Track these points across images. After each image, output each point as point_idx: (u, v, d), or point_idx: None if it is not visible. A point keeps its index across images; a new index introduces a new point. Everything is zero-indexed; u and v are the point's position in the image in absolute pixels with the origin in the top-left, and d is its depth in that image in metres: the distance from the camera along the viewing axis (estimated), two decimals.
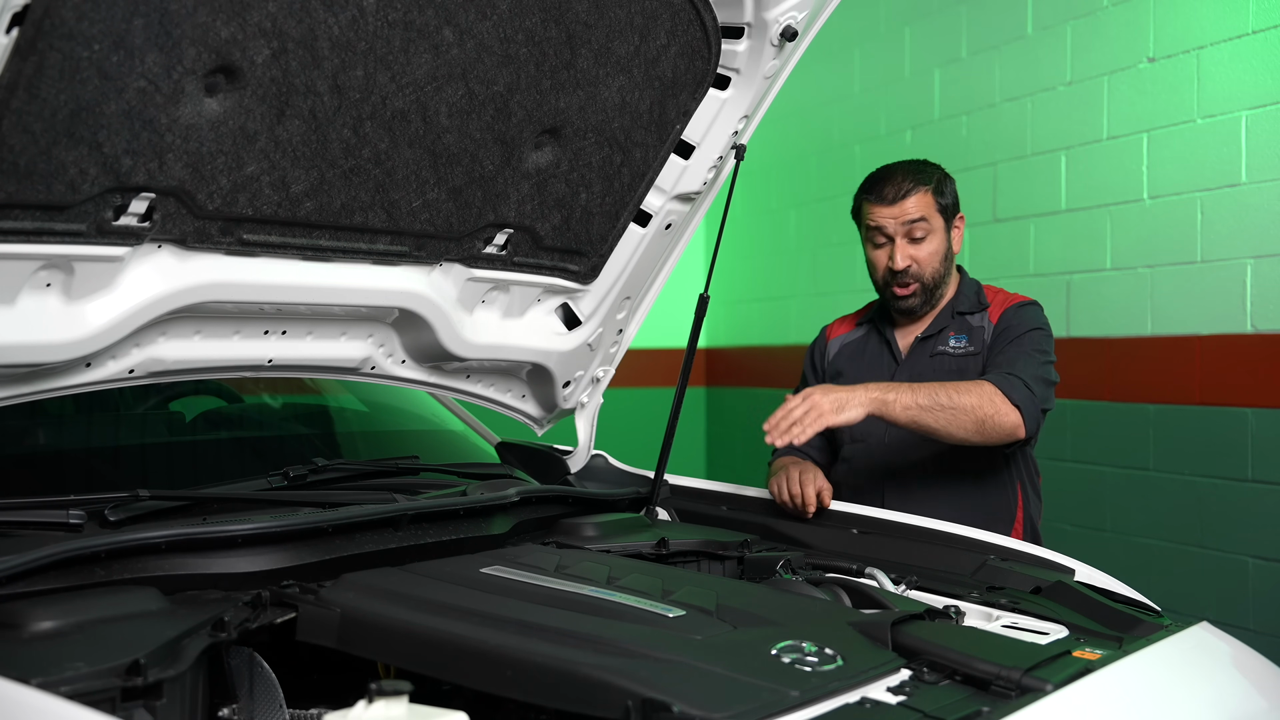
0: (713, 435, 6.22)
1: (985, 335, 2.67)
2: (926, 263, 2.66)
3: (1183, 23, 3.68)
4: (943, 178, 2.71)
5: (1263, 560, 3.46)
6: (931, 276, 2.68)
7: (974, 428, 2.42)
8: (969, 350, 2.67)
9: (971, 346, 2.67)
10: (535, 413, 2.56)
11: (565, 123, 2.00)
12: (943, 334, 2.71)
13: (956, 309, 2.73)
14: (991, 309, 2.71)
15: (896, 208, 2.64)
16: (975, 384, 2.45)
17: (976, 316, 2.71)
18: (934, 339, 2.72)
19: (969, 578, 2.08)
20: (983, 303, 2.72)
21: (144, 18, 1.43)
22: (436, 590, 1.63)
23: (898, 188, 2.65)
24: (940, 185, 2.69)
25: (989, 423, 2.42)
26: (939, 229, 2.67)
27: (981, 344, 2.66)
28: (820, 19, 2.15)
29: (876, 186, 2.69)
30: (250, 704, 1.50)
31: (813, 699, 1.34)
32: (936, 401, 2.39)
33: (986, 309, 2.71)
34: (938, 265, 2.68)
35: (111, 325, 1.68)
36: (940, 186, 2.69)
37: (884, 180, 2.68)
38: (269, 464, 2.13)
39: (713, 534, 2.24)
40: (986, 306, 2.71)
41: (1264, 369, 3.43)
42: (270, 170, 1.69)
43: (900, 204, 2.64)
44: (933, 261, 2.67)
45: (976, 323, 2.70)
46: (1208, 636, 1.85)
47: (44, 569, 1.52)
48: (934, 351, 2.71)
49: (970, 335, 2.68)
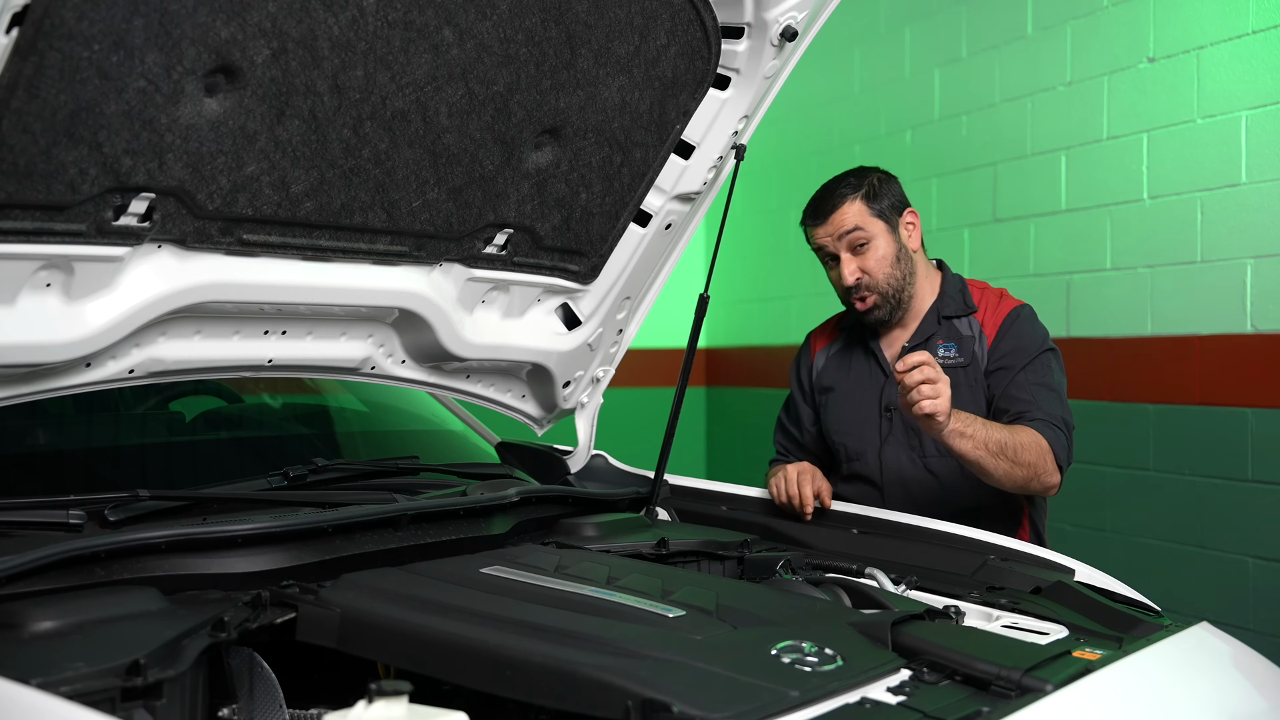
0: (713, 435, 6.22)
1: (975, 346, 2.58)
2: (876, 270, 2.58)
3: (1183, 23, 3.68)
4: (877, 181, 2.64)
5: (1263, 560, 3.46)
6: (887, 283, 2.59)
7: (1020, 482, 2.36)
8: (957, 361, 2.57)
9: (960, 357, 2.58)
10: (535, 413, 2.56)
11: (565, 123, 2.00)
12: (930, 342, 2.62)
13: (942, 313, 2.65)
14: (981, 314, 2.62)
15: (829, 224, 2.60)
16: (1032, 438, 2.35)
17: (964, 322, 2.62)
18: (921, 348, 2.60)
19: (969, 578, 2.08)
20: (969, 305, 2.64)
21: (144, 18, 1.43)
22: (436, 590, 1.63)
23: (826, 203, 2.61)
24: (872, 190, 2.61)
25: (1033, 482, 2.37)
26: (880, 233, 2.59)
27: (971, 355, 2.58)
28: (820, 19, 2.15)
29: (809, 208, 2.66)
30: (250, 704, 1.50)
31: (813, 699, 1.34)
32: (1003, 449, 2.30)
33: (973, 313, 2.63)
34: (889, 270, 2.59)
35: (111, 325, 1.68)
36: (872, 191, 2.61)
37: (815, 200, 2.65)
38: (269, 464, 2.13)
39: (713, 534, 2.24)
40: (973, 310, 2.63)
41: (1264, 369, 3.43)
42: (270, 170, 1.69)
43: (831, 219, 2.59)
44: (882, 267, 2.58)
45: (965, 330, 2.61)
46: (1208, 636, 1.85)
47: (44, 569, 1.52)
48: None
49: (960, 344, 2.59)
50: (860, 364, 2.72)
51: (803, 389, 2.83)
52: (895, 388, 2.56)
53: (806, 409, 2.81)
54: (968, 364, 2.57)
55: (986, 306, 2.64)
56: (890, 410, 2.62)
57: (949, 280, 2.71)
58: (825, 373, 2.78)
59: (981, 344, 2.58)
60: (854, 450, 2.67)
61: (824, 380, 2.78)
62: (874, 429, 2.64)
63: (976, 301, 2.65)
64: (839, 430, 2.71)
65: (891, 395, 2.61)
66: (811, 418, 2.80)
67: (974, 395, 2.54)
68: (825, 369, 2.79)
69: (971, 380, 2.56)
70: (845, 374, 2.74)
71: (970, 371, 2.57)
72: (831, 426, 2.73)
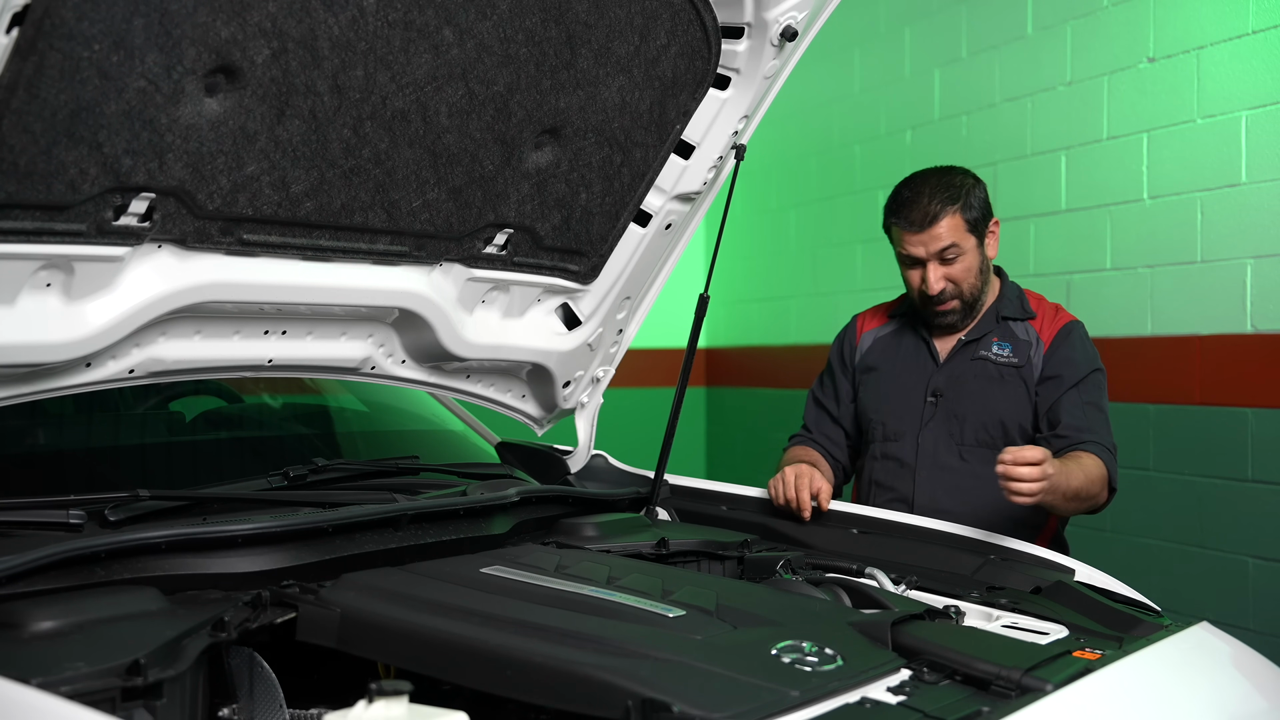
0: (713, 435, 6.22)
1: (1031, 352, 2.62)
2: (963, 279, 2.62)
3: (1183, 23, 3.68)
4: (970, 188, 2.64)
5: (1263, 560, 3.46)
6: (970, 291, 2.64)
7: (1076, 511, 2.46)
8: (1011, 360, 2.63)
9: (1015, 358, 2.63)
10: (535, 413, 2.56)
11: (565, 123, 2.00)
12: (986, 338, 2.67)
13: (1001, 313, 2.69)
14: (1039, 322, 2.67)
15: (925, 234, 2.59)
16: (1100, 472, 2.43)
17: (1021, 326, 2.67)
18: (977, 343, 2.68)
19: (969, 578, 2.08)
20: (1028, 311, 2.69)
21: (144, 18, 1.43)
22: (436, 590, 1.63)
23: (925, 212, 2.58)
24: (968, 200, 2.62)
25: (1088, 504, 2.44)
26: (971, 247, 2.62)
27: (1027, 359, 2.62)
28: (820, 19, 2.15)
29: (904, 210, 2.62)
30: (250, 704, 1.50)
31: (813, 699, 1.34)
32: (1079, 494, 2.36)
33: (1031, 319, 2.67)
34: (974, 280, 2.64)
35: (111, 325, 1.68)
36: (969, 201, 2.62)
37: (911, 203, 2.61)
38: (269, 464, 2.13)
39: (713, 534, 2.24)
40: (1031, 316, 2.68)
41: (1264, 369, 3.43)
42: (270, 170, 1.69)
43: (929, 230, 2.58)
44: (968, 277, 2.63)
45: (1022, 334, 2.66)
46: (1208, 636, 1.85)
47: (44, 569, 1.52)
48: (975, 355, 2.67)
49: (1015, 346, 2.64)
50: (909, 349, 2.77)
51: (844, 363, 2.87)
52: (943, 375, 2.68)
53: (845, 383, 2.85)
54: (1022, 365, 2.63)
55: (1044, 315, 2.69)
56: (936, 396, 2.68)
57: (1008, 285, 2.76)
58: (871, 353, 2.83)
59: (1039, 350, 2.63)
60: (892, 429, 2.71)
61: (869, 360, 2.82)
62: (916, 412, 2.70)
63: (1034, 309, 2.71)
64: (879, 408, 2.75)
65: (939, 382, 2.68)
66: (850, 393, 2.84)
67: (1025, 397, 2.61)
68: (871, 349, 2.83)
69: (1024, 381, 2.61)
70: (893, 356, 2.78)
71: (1024, 373, 2.62)
72: (870, 404, 2.78)
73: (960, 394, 2.65)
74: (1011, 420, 2.61)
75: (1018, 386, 2.61)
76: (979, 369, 2.65)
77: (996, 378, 2.63)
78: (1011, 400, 2.60)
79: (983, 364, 2.65)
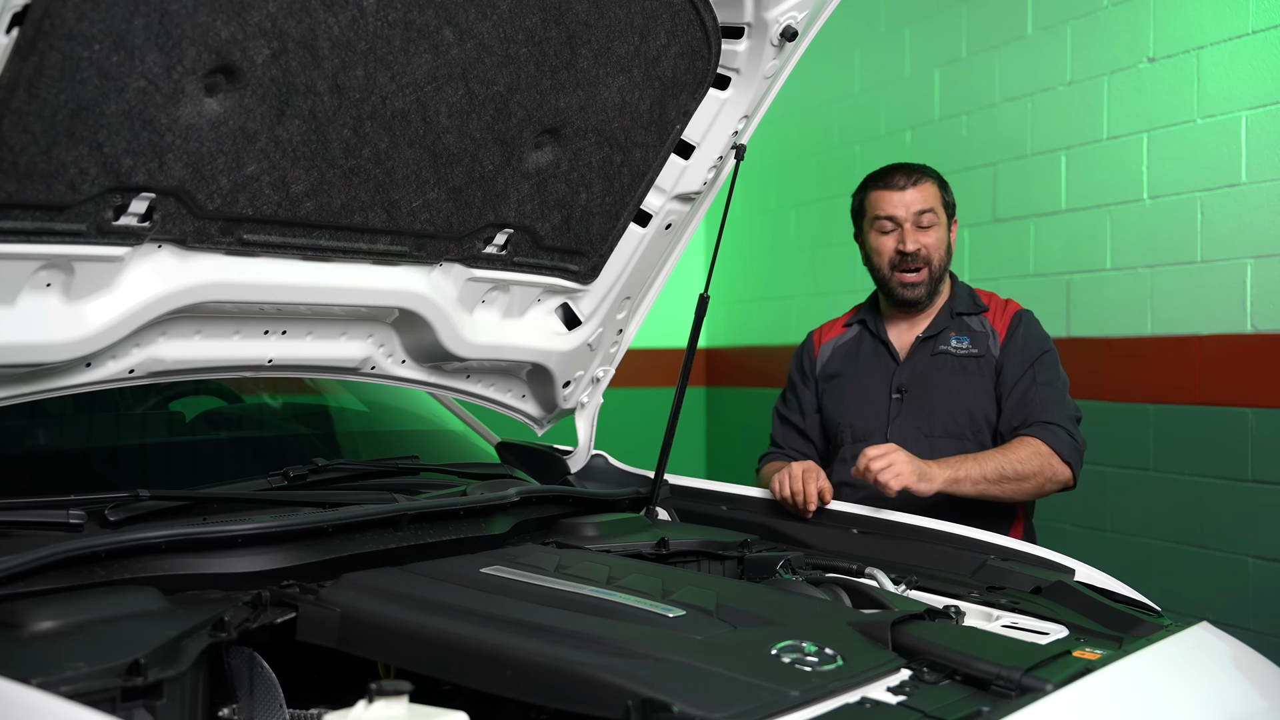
0: (713, 435, 6.22)
1: (989, 342, 2.75)
2: (935, 249, 2.77)
3: (1183, 23, 3.67)
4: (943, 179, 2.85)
5: (1263, 560, 3.46)
6: (938, 265, 2.77)
7: (1034, 491, 2.57)
8: (971, 351, 2.75)
9: (975, 349, 2.75)
10: (535, 413, 2.56)
11: (565, 123, 2.00)
12: (943, 334, 2.79)
13: (955, 310, 2.81)
14: (991, 314, 2.80)
15: (909, 193, 2.75)
16: (1029, 447, 2.55)
17: (975, 320, 2.80)
18: (935, 339, 2.79)
19: (969, 578, 2.08)
20: (979, 305, 2.82)
21: (144, 18, 1.43)
22: (436, 590, 1.63)
23: (909, 176, 2.77)
24: (944, 182, 2.83)
25: (1048, 484, 2.57)
26: (943, 223, 2.79)
27: (985, 349, 2.75)
28: (820, 19, 2.15)
29: (886, 176, 2.80)
30: (250, 704, 1.50)
31: (813, 699, 1.34)
32: (1003, 474, 2.50)
33: (984, 311, 2.81)
34: (942, 255, 2.79)
35: (111, 325, 1.68)
36: (944, 183, 2.83)
37: (894, 171, 2.81)
38: (269, 464, 2.13)
39: (713, 534, 2.24)
40: (984, 309, 2.81)
41: (1264, 369, 3.43)
42: (270, 170, 1.69)
43: (916, 188, 2.75)
44: (938, 250, 2.78)
45: (977, 326, 2.78)
46: (1208, 636, 1.85)
47: (44, 569, 1.52)
48: (935, 351, 2.78)
49: (972, 338, 2.77)
50: (869, 352, 2.87)
51: (805, 375, 2.95)
52: (906, 372, 2.79)
53: (809, 394, 2.93)
54: (982, 355, 2.75)
55: (995, 308, 2.83)
56: (901, 392, 2.77)
57: (959, 284, 2.89)
58: (831, 361, 2.91)
59: (995, 341, 2.76)
60: (860, 430, 2.78)
61: (830, 368, 2.90)
62: (882, 410, 2.78)
63: (985, 302, 2.84)
64: (845, 411, 2.83)
65: (902, 379, 2.78)
66: (814, 404, 2.91)
67: (986, 385, 2.72)
68: (831, 358, 2.92)
69: (985, 371, 2.73)
70: (853, 362, 2.88)
71: (984, 363, 2.74)
72: (836, 409, 2.85)
73: (925, 388, 2.75)
74: (978, 409, 2.71)
75: (980, 377, 2.72)
76: (941, 363, 2.76)
77: (959, 370, 2.74)
78: (976, 390, 2.71)
79: (944, 358, 2.76)
